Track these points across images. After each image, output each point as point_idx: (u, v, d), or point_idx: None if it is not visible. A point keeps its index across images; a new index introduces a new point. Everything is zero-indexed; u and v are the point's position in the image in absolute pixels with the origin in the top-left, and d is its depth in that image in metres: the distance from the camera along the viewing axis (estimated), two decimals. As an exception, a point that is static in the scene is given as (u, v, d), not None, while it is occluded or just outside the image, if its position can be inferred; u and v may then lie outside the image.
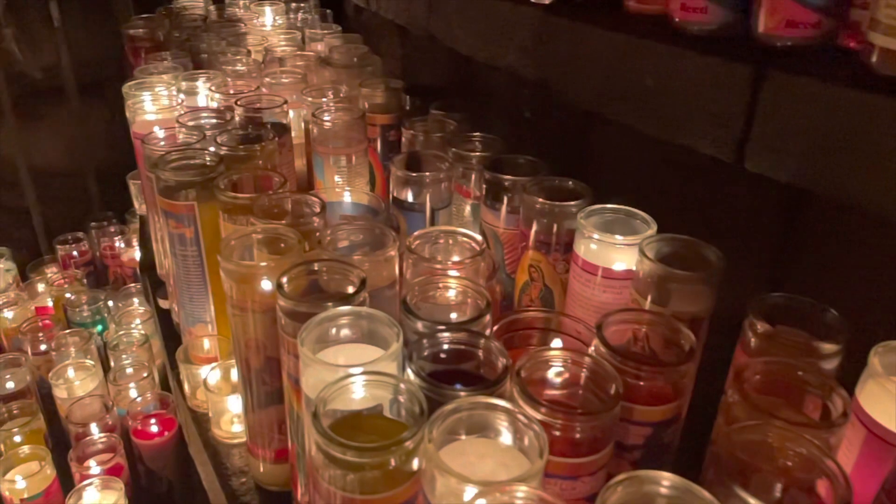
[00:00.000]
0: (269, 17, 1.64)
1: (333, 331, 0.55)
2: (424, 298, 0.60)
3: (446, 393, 0.46)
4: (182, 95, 1.10)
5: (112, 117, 2.16)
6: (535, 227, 0.75)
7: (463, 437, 0.46)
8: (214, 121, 0.99)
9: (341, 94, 1.11)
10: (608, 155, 0.85)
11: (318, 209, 0.72)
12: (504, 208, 0.81)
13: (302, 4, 1.68)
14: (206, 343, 0.87)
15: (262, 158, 0.88)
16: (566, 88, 0.75)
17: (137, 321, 1.68)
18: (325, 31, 1.47)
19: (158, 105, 1.04)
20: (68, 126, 2.12)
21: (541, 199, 0.73)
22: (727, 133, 0.57)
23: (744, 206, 0.70)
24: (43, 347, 1.56)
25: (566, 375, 0.51)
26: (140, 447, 1.38)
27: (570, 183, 0.76)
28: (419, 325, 0.55)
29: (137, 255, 1.88)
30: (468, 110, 1.03)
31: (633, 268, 0.65)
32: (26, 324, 1.61)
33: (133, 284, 1.78)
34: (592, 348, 0.53)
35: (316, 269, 0.61)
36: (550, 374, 0.51)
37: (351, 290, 0.60)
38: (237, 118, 0.99)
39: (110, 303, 1.78)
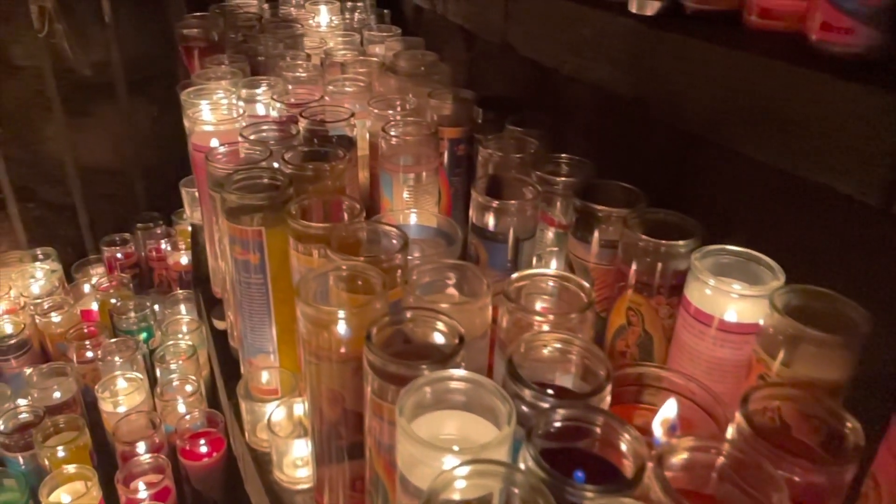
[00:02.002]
0: (324, 17, 1.58)
1: (430, 395, 0.48)
2: (526, 356, 0.53)
3: (577, 492, 0.39)
4: (241, 103, 1.04)
5: (159, 115, 2.13)
6: (636, 266, 0.67)
7: (591, 539, 0.39)
8: (277, 134, 0.93)
9: (409, 106, 1.04)
10: (714, 185, 0.77)
11: (400, 244, 0.66)
12: (596, 241, 0.74)
13: (358, 4, 1.62)
14: (268, 375, 0.81)
15: (332, 179, 0.81)
16: (669, 109, 0.68)
17: (184, 328, 1.64)
18: (385, 34, 1.40)
19: (219, 115, 0.99)
20: (116, 123, 2.09)
21: (644, 236, 0.66)
22: (875, 173, 0.49)
23: (886, 255, 0.62)
24: (89, 355, 1.53)
25: (708, 466, 0.44)
26: (188, 468, 1.33)
27: (676, 217, 0.68)
28: (527, 394, 0.48)
29: (184, 259, 1.85)
30: (546, 126, 0.95)
31: (757, 321, 0.58)
32: (73, 330, 1.58)
33: (180, 291, 1.74)
34: (733, 430, 0.46)
35: (409, 316, 0.54)
36: (688, 462, 0.44)
37: (445, 342, 0.54)
38: (302, 131, 0.93)
39: (156, 307, 1.74)
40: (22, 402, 1.43)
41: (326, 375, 0.59)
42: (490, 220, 0.76)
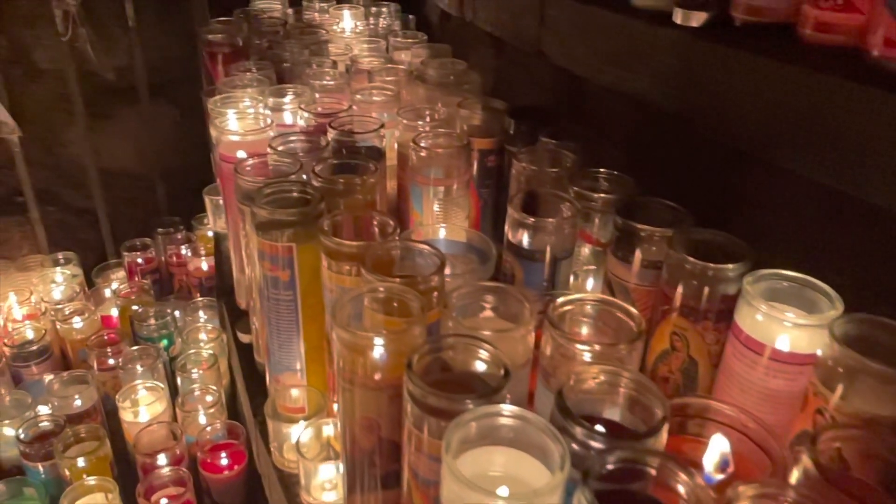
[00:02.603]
0: (348, 23, 1.56)
1: (475, 430, 0.46)
2: (573, 388, 0.51)
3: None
4: (269, 112, 1.03)
5: (181, 119, 2.12)
6: (681, 289, 0.65)
7: None
8: (306, 144, 0.91)
9: (438, 116, 1.02)
10: (763, 204, 0.74)
11: (437, 265, 0.63)
12: (637, 261, 0.71)
13: (383, 9, 1.60)
14: (296, 394, 0.79)
15: (363, 192, 0.79)
16: (716, 124, 0.65)
17: (205, 336, 1.62)
18: (411, 41, 1.38)
19: (246, 125, 0.97)
20: (138, 127, 2.08)
21: (692, 259, 0.63)
22: (941, 197, 0.46)
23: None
24: (110, 363, 1.51)
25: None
26: (209, 480, 1.31)
27: (724, 238, 0.66)
28: (579, 432, 0.45)
29: (204, 265, 1.84)
30: (581, 139, 0.92)
31: (814, 352, 0.55)
32: (94, 337, 1.56)
33: (200, 298, 1.72)
34: (799, 474, 0.43)
35: (450, 343, 0.52)
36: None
37: (487, 371, 0.52)
38: (331, 143, 0.91)
39: (177, 313, 1.72)
40: (43, 409, 1.42)
41: (361, 402, 0.56)
42: (526, 238, 0.74)
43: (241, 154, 0.94)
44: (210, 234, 1.96)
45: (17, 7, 1.86)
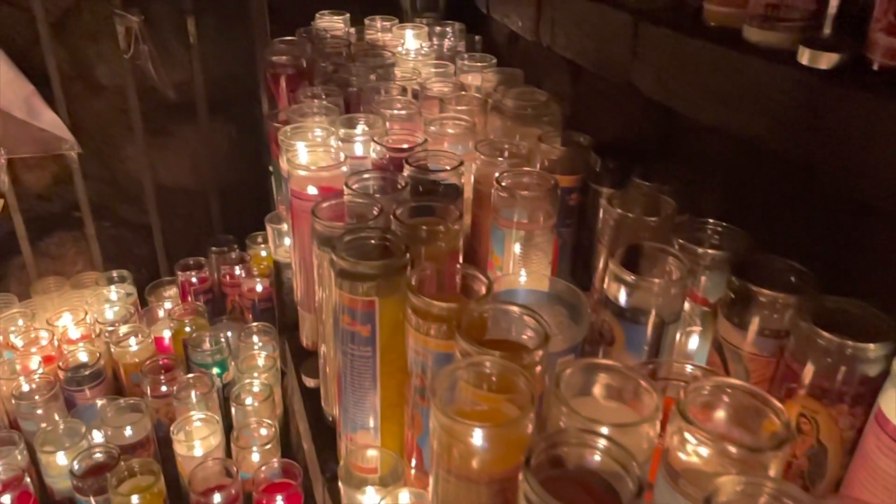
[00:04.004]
0: (411, 43, 1.51)
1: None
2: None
3: None
4: (339, 142, 0.98)
5: (238, 136, 2.10)
6: (812, 367, 0.58)
7: None
8: (381, 183, 0.86)
9: (518, 151, 0.95)
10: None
11: (540, 334, 0.57)
12: (755, 328, 0.64)
13: (447, 29, 1.55)
14: (371, 453, 0.73)
15: (447, 240, 0.74)
16: (845, 175, 0.58)
17: (260, 363, 1.57)
18: (481, 64, 1.32)
19: (318, 157, 0.92)
20: (195, 144, 2.06)
21: (827, 334, 0.56)
22: None
23: None
24: (164, 389, 1.47)
25: None
26: (264, 526, 1.26)
27: (860, 308, 0.58)
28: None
29: (259, 286, 1.80)
30: (675, 181, 0.85)
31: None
32: (148, 363, 1.53)
33: (255, 323, 1.68)
34: None
35: (570, 439, 0.46)
36: None
37: (608, 468, 0.45)
38: (409, 181, 0.85)
39: (229, 333, 1.68)
40: (97, 435, 1.38)
41: (460, 495, 0.50)
42: (629, 297, 0.67)
43: (311, 189, 0.89)
44: (263, 253, 1.92)
45: (80, 23, 1.86)
